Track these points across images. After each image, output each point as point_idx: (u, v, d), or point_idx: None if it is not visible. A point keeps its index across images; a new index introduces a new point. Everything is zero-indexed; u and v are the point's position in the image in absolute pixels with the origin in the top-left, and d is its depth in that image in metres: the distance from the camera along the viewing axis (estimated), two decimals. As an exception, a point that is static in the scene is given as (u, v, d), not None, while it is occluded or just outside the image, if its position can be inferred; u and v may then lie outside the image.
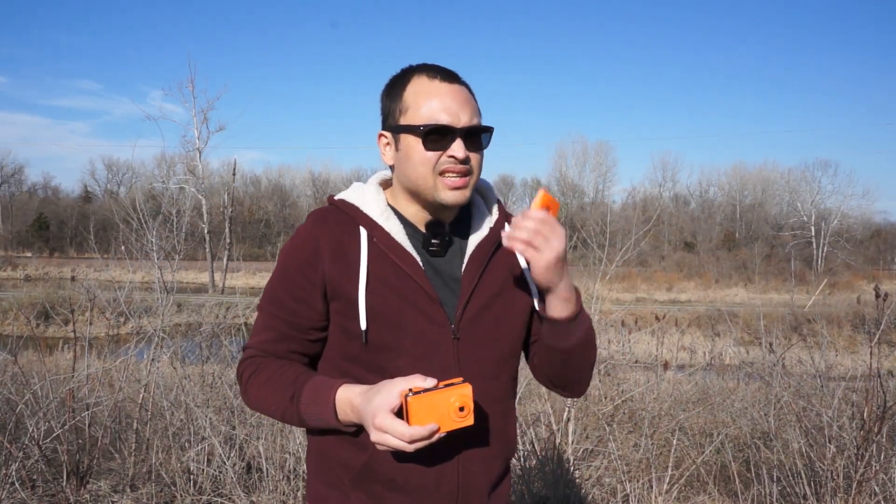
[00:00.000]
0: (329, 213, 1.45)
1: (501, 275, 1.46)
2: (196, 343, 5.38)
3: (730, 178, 61.27)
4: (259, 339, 1.44)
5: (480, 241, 1.46)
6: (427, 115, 1.35)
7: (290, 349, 1.43)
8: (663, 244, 50.19)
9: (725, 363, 9.13)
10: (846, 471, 3.59)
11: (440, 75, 1.38)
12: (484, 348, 1.40)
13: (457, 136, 1.35)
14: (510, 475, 1.53)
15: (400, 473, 1.37)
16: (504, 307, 1.45)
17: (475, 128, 1.37)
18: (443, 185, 1.36)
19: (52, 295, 15.84)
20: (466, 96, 1.39)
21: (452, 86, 1.38)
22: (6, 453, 3.66)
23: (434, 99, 1.36)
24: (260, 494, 3.67)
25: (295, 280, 1.40)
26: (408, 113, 1.38)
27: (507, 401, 1.49)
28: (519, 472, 3.86)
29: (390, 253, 1.38)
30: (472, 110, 1.38)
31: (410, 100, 1.38)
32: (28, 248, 47.90)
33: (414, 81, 1.38)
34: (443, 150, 1.35)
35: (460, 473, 1.39)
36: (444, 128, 1.34)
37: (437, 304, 1.37)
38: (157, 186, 27.84)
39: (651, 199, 57.47)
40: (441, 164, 1.35)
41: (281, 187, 59.88)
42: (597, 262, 4.72)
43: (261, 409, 1.43)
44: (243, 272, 31.56)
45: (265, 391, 1.39)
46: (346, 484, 1.40)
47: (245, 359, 1.45)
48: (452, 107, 1.35)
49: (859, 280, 34.50)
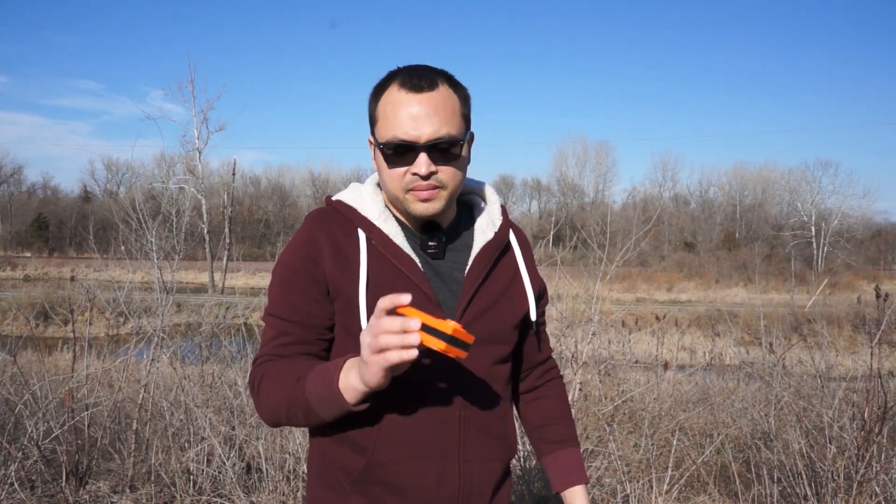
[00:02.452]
0: (327, 214, 1.43)
1: (503, 279, 1.46)
2: (196, 343, 5.38)
3: (730, 178, 61.42)
4: (272, 346, 1.38)
5: (486, 244, 1.45)
6: (390, 131, 1.31)
7: (305, 352, 1.38)
8: (663, 244, 50.20)
9: (725, 363, 9.12)
10: (847, 471, 3.58)
11: (410, 83, 1.31)
12: (482, 351, 1.39)
13: (420, 152, 1.30)
14: (511, 478, 1.53)
15: (400, 477, 1.35)
16: (503, 311, 1.44)
17: (439, 142, 1.31)
18: (412, 198, 1.34)
19: (52, 295, 15.84)
20: (435, 104, 1.31)
21: (419, 95, 1.30)
22: (5, 454, 3.66)
23: (399, 111, 1.30)
24: (260, 495, 3.67)
25: (302, 281, 1.37)
26: (377, 126, 1.35)
27: (506, 403, 1.49)
28: (519, 473, 3.86)
29: (389, 255, 1.37)
30: (442, 119, 1.31)
31: (381, 112, 1.34)
32: (27, 248, 47.92)
33: (388, 90, 1.34)
34: (407, 167, 1.32)
35: (461, 477, 1.38)
36: (404, 145, 1.30)
37: (436, 306, 1.36)
38: (157, 186, 27.83)
39: (651, 199, 57.57)
40: (408, 182, 1.33)
41: (281, 187, 59.93)
42: (597, 262, 4.71)
43: (269, 406, 1.32)
44: (243, 272, 31.54)
45: (273, 385, 1.31)
46: (346, 487, 1.39)
47: (256, 367, 1.39)
48: (416, 121, 1.29)
49: (860, 280, 34.51)
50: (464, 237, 1.46)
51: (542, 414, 1.62)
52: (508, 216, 1.53)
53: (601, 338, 5.27)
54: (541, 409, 1.63)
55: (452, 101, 1.34)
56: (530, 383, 1.64)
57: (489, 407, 1.42)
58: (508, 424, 1.49)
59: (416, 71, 1.34)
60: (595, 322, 4.53)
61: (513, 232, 1.52)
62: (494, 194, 1.53)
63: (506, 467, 1.49)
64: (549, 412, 1.62)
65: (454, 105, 1.34)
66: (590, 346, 4.51)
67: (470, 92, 1.41)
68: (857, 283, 32.35)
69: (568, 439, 1.60)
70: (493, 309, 1.42)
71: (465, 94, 1.38)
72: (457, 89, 1.36)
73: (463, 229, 1.47)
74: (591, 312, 4.63)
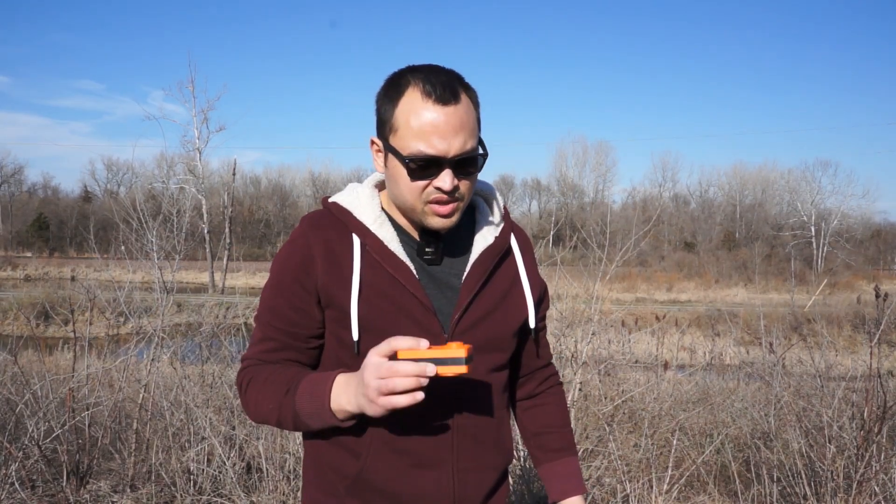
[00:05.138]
0: (322, 217, 1.41)
1: (502, 285, 1.43)
2: (196, 343, 5.38)
3: (730, 178, 61.40)
4: (257, 350, 1.40)
5: (486, 249, 1.41)
6: (415, 143, 1.26)
7: (290, 358, 1.38)
8: (663, 244, 50.19)
9: (725, 363, 9.15)
10: (846, 471, 3.59)
11: (435, 94, 1.25)
12: (479, 359, 1.36)
13: (445, 167, 1.27)
14: (508, 483, 1.50)
15: (394, 482, 1.34)
16: (501, 318, 1.41)
17: (465, 157, 1.28)
18: (430, 211, 1.31)
19: (52, 295, 15.84)
20: (461, 118, 1.27)
21: (447, 108, 1.25)
22: (6, 453, 3.66)
23: (424, 125, 1.25)
24: (260, 494, 3.67)
25: (291, 289, 1.36)
26: (397, 134, 1.29)
27: (502, 410, 1.46)
28: (519, 472, 3.86)
29: (383, 262, 1.34)
30: (467, 134, 1.28)
31: (401, 119, 1.28)
32: (28, 248, 47.90)
33: (408, 95, 1.27)
34: (430, 180, 1.28)
35: (455, 483, 1.36)
36: (432, 159, 1.26)
37: (431, 314, 1.34)
38: (157, 186, 27.83)
39: (651, 199, 57.53)
40: (428, 194, 1.30)
41: (281, 187, 59.94)
42: (597, 262, 4.71)
43: (259, 412, 1.36)
44: (243, 272, 31.57)
45: (262, 394, 1.33)
46: (340, 490, 1.38)
47: (243, 369, 1.41)
48: (443, 135, 1.25)
49: (859, 280, 34.51)
50: (463, 241, 1.42)
51: (541, 422, 1.59)
52: (511, 219, 1.50)
53: (601, 338, 5.28)
54: (539, 416, 1.60)
55: (472, 112, 1.31)
56: (529, 390, 1.61)
57: (485, 415, 1.40)
58: (504, 432, 1.47)
59: (435, 76, 1.28)
60: (595, 322, 4.53)
61: (514, 235, 1.49)
62: (498, 196, 1.49)
63: (502, 474, 1.47)
64: (548, 420, 1.59)
65: (474, 115, 1.32)
66: (589, 345, 4.51)
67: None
68: (857, 283, 32.35)
69: (566, 448, 1.58)
70: (491, 316, 1.40)
71: (477, 98, 1.35)
72: (472, 96, 1.33)
73: (463, 232, 1.42)
74: (590, 312, 4.63)
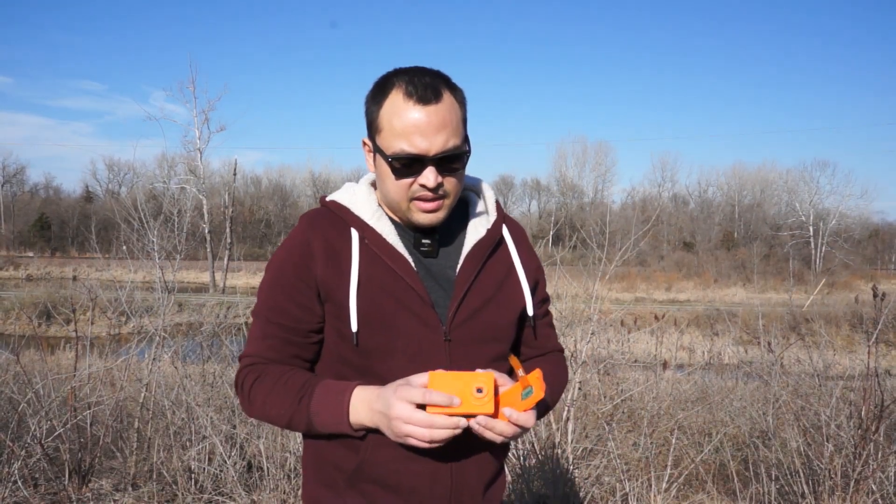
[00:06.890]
0: (320, 214, 1.44)
1: (496, 276, 1.45)
2: (197, 342, 5.39)
3: (729, 178, 61.41)
4: (259, 347, 1.41)
5: (478, 242, 1.44)
6: (398, 143, 1.30)
7: (293, 354, 1.40)
8: (662, 244, 50.22)
9: (724, 362, 9.15)
10: (844, 469, 3.60)
11: (417, 94, 1.29)
12: (476, 350, 1.39)
13: (427, 164, 1.31)
14: (504, 475, 1.52)
15: (393, 475, 1.36)
16: (497, 309, 1.43)
17: (448, 155, 1.31)
18: (416, 208, 1.35)
19: (54, 294, 15.90)
20: (443, 117, 1.30)
21: (428, 107, 1.29)
22: (8, 452, 3.68)
23: (406, 124, 1.29)
24: (261, 493, 3.69)
25: (292, 284, 1.38)
26: (382, 134, 1.34)
27: None
28: (518, 472, 3.88)
29: (382, 255, 1.37)
30: (450, 132, 1.31)
31: (385, 120, 1.32)
32: (30, 247, 47.89)
33: (391, 97, 1.32)
34: (414, 178, 1.32)
35: (453, 474, 1.38)
36: (414, 158, 1.30)
37: (429, 307, 1.36)
38: (158, 186, 27.84)
39: (650, 199, 57.58)
40: (413, 192, 1.34)
41: (281, 187, 59.94)
42: (596, 261, 4.72)
43: (265, 415, 1.38)
44: (244, 272, 31.57)
45: (271, 397, 1.35)
46: (340, 485, 1.40)
47: (244, 367, 1.41)
48: (425, 134, 1.29)
49: (857, 280, 34.56)
50: (457, 234, 1.46)
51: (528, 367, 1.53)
52: (503, 211, 1.52)
53: (600, 337, 5.29)
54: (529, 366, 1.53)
55: (456, 110, 1.34)
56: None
57: None
58: None
59: (418, 78, 1.32)
60: (594, 321, 4.54)
61: (507, 226, 1.51)
62: (490, 190, 1.52)
63: (499, 466, 1.48)
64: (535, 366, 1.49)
65: (458, 114, 1.34)
66: (589, 345, 4.52)
67: (469, 93, 1.41)
68: (855, 283, 32.39)
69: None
70: (487, 307, 1.42)
71: (463, 97, 1.38)
72: (457, 95, 1.36)
73: (457, 226, 1.46)
74: (590, 312, 4.64)
